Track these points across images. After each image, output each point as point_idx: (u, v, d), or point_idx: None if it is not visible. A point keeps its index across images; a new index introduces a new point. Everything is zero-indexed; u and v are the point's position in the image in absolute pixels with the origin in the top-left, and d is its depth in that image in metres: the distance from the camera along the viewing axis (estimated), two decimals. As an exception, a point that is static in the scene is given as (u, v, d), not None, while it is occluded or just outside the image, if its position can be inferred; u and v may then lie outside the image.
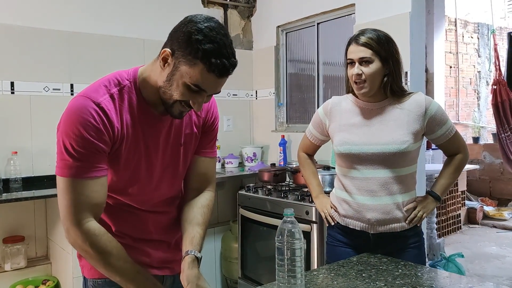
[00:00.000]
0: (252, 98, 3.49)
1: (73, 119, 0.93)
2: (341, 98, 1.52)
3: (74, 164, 0.93)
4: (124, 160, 1.01)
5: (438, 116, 1.42)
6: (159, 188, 1.10)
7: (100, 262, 0.97)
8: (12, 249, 2.33)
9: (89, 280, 1.11)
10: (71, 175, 0.93)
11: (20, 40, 2.48)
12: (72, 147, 0.92)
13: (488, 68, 6.36)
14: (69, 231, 0.97)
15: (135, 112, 1.01)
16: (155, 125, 1.04)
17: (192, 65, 0.90)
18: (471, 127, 6.29)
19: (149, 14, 2.96)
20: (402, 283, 1.11)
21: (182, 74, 0.92)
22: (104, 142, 0.95)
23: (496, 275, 3.42)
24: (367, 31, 1.39)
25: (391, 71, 1.39)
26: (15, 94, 2.47)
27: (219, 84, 0.95)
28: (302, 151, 1.68)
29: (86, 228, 0.95)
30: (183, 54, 0.91)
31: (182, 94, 0.95)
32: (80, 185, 0.94)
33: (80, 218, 0.95)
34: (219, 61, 0.90)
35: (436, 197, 1.48)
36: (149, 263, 1.13)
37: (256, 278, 2.53)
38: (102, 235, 0.97)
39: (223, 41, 0.91)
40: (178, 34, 0.93)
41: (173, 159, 1.10)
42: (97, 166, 0.95)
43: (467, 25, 6.23)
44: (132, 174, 1.04)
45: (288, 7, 3.14)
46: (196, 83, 0.92)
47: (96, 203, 0.97)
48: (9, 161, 2.39)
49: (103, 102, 0.96)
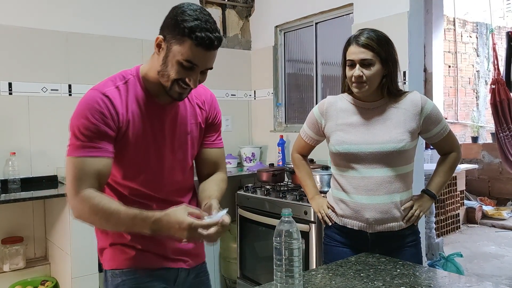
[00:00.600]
0: (251, 98, 3.49)
1: (82, 107, 1.05)
2: (337, 98, 1.52)
3: (80, 144, 1.03)
4: (132, 146, 1.10)
5: (434, 115, 1.43)
6: (171, 174, 1.17)
7: (102, 221, 1.04)
8: (10, 250, 2.33)
9: (108, 272, 1.17)
10: (76, 154, 1.03)
11: (18, 40, 2.48)
12: (79, 130, 1.03)
13: (487, 67, 6.37)
14: (71, 203, 1.05)
15: (140, 102, 1.10)
16: (159, 113, 1.13)
17: (182, 42, 1.00)
18: (470, 127, 6.30)
19: (147, 15, 2.96)
20: (400, 283, 1.11)
21: (174, 54, 1.02)
22: (108, 125, 1.05)
23: (495, 275, 3.42)
24: (367, 31, 1.39)
25: (389, 72, 1.40)
26: (13, 95, 2.47)
27: (209, 57, 1.04)
28: (296, 152, 1.67)
29: (82, 195, 1.02)
30: (172, 35, 1.02)
31: (177, 72, 1.03)
32: (82, 163, 1.03)
33: (78, 190, 1.03)
34: (204, 34, 0.99)
35: (432, 195, 1.49)
36: (164, 254, 1.17)
37: (254, 278, 2.53)
38: (96, 197, 1.02)
39: (206, 18, 1.02)
40: (166, 21, 1.05)
41: (181, 146, 1.18)
42: (100, 147, 1.04)
43: (466, 24, 6.23)
44: (143, 159, 1.12)
45: (286, 7, 3.15)
46: (187, 59, 1.02)
47: (95, 178, 1.04)
48: (8, 161, 2.38)
49: (108, 91, 1.07)
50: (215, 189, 1.20)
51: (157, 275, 1.17)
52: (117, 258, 1.16)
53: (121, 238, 1.15)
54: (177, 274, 1.20)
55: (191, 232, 0.96)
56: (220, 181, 1.26)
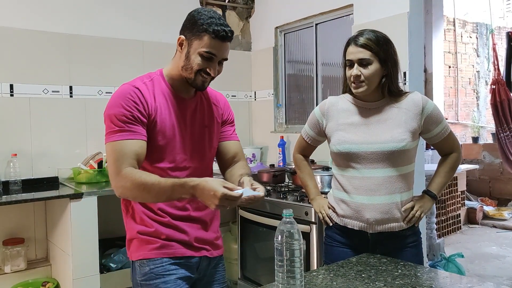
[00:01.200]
0: (251, 99, 3.50)
1: (115, 99, 1.20)
2: (338, 98, 1.53)
3: (117, 130, 1.16)
4: (160, 132, 1.22)
5: (434, 115, 1.43)
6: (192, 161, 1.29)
7: (144, 193, 1.13)
8: (12, 251, 2.33)
9: (136, 262, 1.26)
10: (114, 139, 1.16)
11: (19, 42, 2.49)
12: (116, 117, 1.17)
13: (487, 67, 6.37)
14: (115, 183, 1.16)
15: (165, 95, 1.26)
16: (182, 106, 1.28)
17: (201, 37, 1.18)
18: (471, 127, 6.29)
19: (148, 16, 2.96)
20: (402, 283, 1.11)
21: (195, 48, 1.19)
22: (140, 112, 1.18)
23: (496, 275, 3.42)
24: (366, 32, 1.40)
25: (389, 72, 1.40)
26: (15, 97, 2.48)
27: (225, 48, 1.22)
28: (298, 153, 1.67)
29: (124, 173, 1.14)
30: (192, 33, 1.20)
31: (199, 63, 1.20)
32: (120, 145, 1.15)
33: (120, 169, 1.14)
34: (219, 28, 1.18)
35: (433, 196, 1.49)
36: (188, 242, 1.26)
37: (255, 279, 2.53)
38: (136, 173, 1.14)
39: (218, 16, 1.21)
40: (185, 23, 1.23)
41: (200, 137, 1.32)
42: (135, 131, 1.17)
43: (466, 25, 6.23)
44: (169, 145, 1.24)
45: (286, 8, 3.15)
46: (207, 50, 1.18)
47: (133, 158, 1.16)
48: (9, 163, 2.39)
49: (138, 84, 1.22)
50: (243, 171, 1.33)
51: (182, 264, 1.25)
52: (143, 248, 1.24)
53: (147, 228, 1.24)
54: (200, 263, 1.29)
55: (222, 200, 1.05)
56: (246, 166, 1.39)
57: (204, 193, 1.07)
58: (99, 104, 2.74)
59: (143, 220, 1.24)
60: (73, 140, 2.66)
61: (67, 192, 2.26)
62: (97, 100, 2.74)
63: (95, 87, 2.74)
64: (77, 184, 2.45)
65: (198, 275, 1.29)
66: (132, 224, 1.27)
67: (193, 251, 1.26)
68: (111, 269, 2.42)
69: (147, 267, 1.23)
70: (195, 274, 1.27)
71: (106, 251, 2.52)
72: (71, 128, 2.65)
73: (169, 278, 1.22)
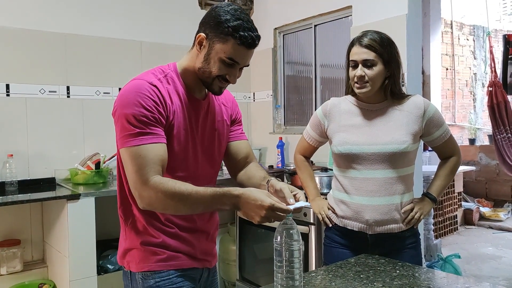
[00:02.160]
0: (250, 100, 3.49)
1: (132, 96, 1.05)
2: (340, 100, 1.53)
3: (137, 132, 1.03)
4: (175, 136, 1.12)
5: (436, 118, 1.44)
6: (203, 166, 1.21)
7: (178, 204, 1.04)
8: (8, 252, 2.31)
9: (138, 274, 1.16)
10: (133, 144, 1.03)
11: (15, 42, 2.47)
12: (134, 118, 1.03)
13: (484, 70, 6.41)
14: (141, 193, 1.04)
15: (180, 95, 1.14)
16: (196, 107, 1.17)
17: (225, 41, 1.06)
18: (467, 129, 6.32)
19: (146, 16, 2.96)
20: (400, 284, 1.11)
21: (217, 51, 1.07)
22: (160, 113, 1.06)
23: (492, 276, 3.43)
24: (370, 32, 1.40)
25: (392, 73, 1.41)
26: (11, 97, 2.46)
27: (249, 55, 1.11)
28: (299, 154, 1.68)
29: (153, 182, 1.03)
30: (215, 34, 1.07)
31: (219, 69, 1.09)
32: (143, 149, 1.03)
33: (147, 177, 1.03)
34: (247, 34, 1.05)
35: (433, 198, 1.50)
36: (193, 254, 1.20)
37: (254, 280, 2.53)
38: (167, 182, 1.03)
39: (247, 18, 1.08)
40: (208, 19, 1.09)
41: (210, 141, 1.23)
42: (156, 133, 1.05)
43: (463, 27, 6.27)
44: (183, 151, 1.14)
45: (285, 9, 3.15)
46: (230, 57, 1.07)
47: (159, 164, 1.05)
48: (5, 164, 2.37)
49: (155, 82, 1.09)
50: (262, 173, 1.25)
51: (187, 276, 1.20)
52: (148, 259, 1.15)
53: (153, 238, 1.15)
54: (201, 274, 1.25)
55: (269, 212, 0.97)
56: (260, 167, 1.32)
57: (249, 203, 0.98)
58: (97, 105, 2.73)
59: (148, 230, 1.15)
60: (70, 141, 2.64)
61: (64, 193, 2.24)
62: (95, 100, 2.73)
63: (93, 87, 2.73)
64: (74, 185, 2.44)
65: (199, 287, 1.25)
66: (132, 233, 1.17)
67: (197, 263, 1.22)
68: (108, 271, 2.41)
69: (152, 279, 1.14)
70: (197, 286, 1.24)
71: (103, 252, 2.51)
72: (68, 128, 2.64)
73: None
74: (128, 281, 1.19)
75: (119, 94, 1.08)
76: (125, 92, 1.07)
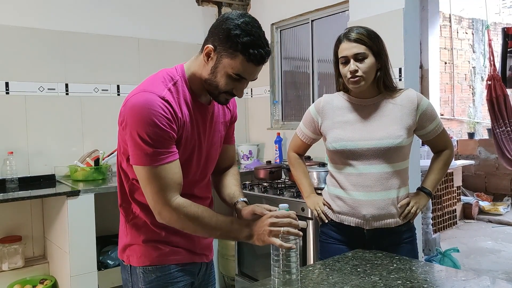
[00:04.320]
0: (247, 96, 3.50)
1: (145, 113, 1.02)
2: (333, 96, 1.53)
3: (153, 152, 1.03)
4: (183, 145, 1.12)
5: (429, 111, 1.44)
6: (206, 170, 1.23)
7: (197, 227, 1.09)
8: (9, 249, 2.33)
9: (138, 268, 1.18)
10: (152, 163, 1.04)
11: (14, 40, 2.47)
12: (149, 137, 1.02)
13: (483, 63, 6.39)
14: (162, 212, 1.07)
15: (189, 103, 1.13)
16: (203, 113, 1.17)
17: (233, 57, 1.03)
18: (466, 123, 6.32)
19: (144, 13, 2.95)
20: (397, 277, 1.12)
21: (224, 66, 1.05)
22: (173, 129, 1.06)
23: (491, 269, 3.45)
24: (355, 28, 1.41)
25: (383, 65, 1.41)
26: (10, 94, 2.47)
27: (257, 71, 1.09)
28: (293, 151, 1.67)
29: (175, 204, 1.06)
30: (224, 48, 1.03)
31: (226, 84, 1.08)
32: (162, 170, 1.04)
33: (169, 198, 1.05)
34: (256, 51, 1.02)
35: (428, 192, 1.50)
36: (193, 249, 1.22)
37: (252, 275, 2.55)
38: (189, 205, 1.07)
39: (258, 33, 1.04)
40: (217, 31, 1.05)
41: (214, 144, 1.24)
42: (171, 151, 1.06)
43: (462, 21, 6.25)
44: (188, 157, 1.15)
45: (282, 4, 3.15)
46: (237, 73, 1.05)
47: (178, 183, 1.08)
48: (5, 161, 2.38)
49: (166, 95, 1.06)
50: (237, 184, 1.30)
51: (187, 270, 1.22)
52: (150, 254, 1.17)
53: (156, 235, 1.17)
54: (200, 268, 1.27)
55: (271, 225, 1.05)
56: (237, 175, 1.35)
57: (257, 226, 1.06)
58: (95, 102, 2.74)
59: (149, 226, 1.16)
60: (69, 138, 2.65)
61: (64, 189, 2.26)
62: (93, 97, 2.74)
63: (91, 85, 2.74)
64: (74, 182, 2.45)
65: (198, 281, 1.27)
66: (134, 230, 1.18)
67: (196, 257, 1.24)
68: (108, 266, 2.43)
69: (153, 274, 1.16)
70: (196, 280, 1.26)
71: (103, 248, 2.53)
72: (67, 125, 2.65)
73: (177, 285, 1.18)
74: (128, 275, 1.20)
75: (129, 106, 1.04)
76: (137, 107, 1.02)
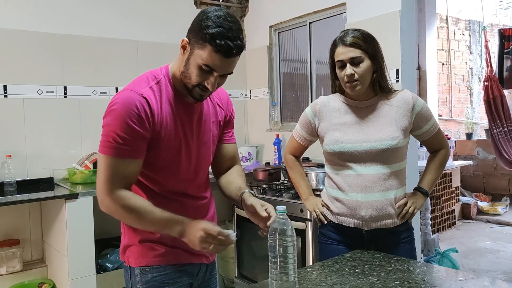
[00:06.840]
0: (246, 98, 3.50)
1: (120, 110, 1.06)
2: (329, 98, 1.53)
3: (116, 146, 1.06)
4: (165, 144, 1.14)
5: (424, 112, 1.45)
6: (197, 170, 1.23)
7: (134, 220, 1.11)
8: (7, 252, 2.32)
9: (136, 268, 1.20)
10: (111, 154, 1.07)
11: (12, 43, 2.48)
12: (116, 132, 1.06)
13: (480, 64, 6.41)
14: (103, 201, 1.10)
15: (171, 102, 1.14)
16: (188, 111, 1.18)
17: (203, 47, 1.05)
18: (464, 124, 6.34)
19: (142, 16, 2.96)
20: (395, 278, 1.13)
21: (195, 57, 1.07)
22: (145, 128, 1.08)
23: (490, 270, 3.45)
24: (350, 31, 1.41)
25: (379, 67, 1.42)
26: (8, 98, 2.47)
27: (227, 64, 1.08)
28: (289, 153, 1.67)
29: (116, 195, 1.08)
30: (196, 39, 1.06)
31: (198, 76, 1.09)
32: (117, 163, 1.07)
33: (113, 189, 1.08)
34: (223, 42, 1.03)
35: (425, 192, 1.51)
36: (191, 250, 1.19)
37: (252, 277, 2.55)
38: (130, 199, 1.09)
39: (229, 26, 1.05)
40: (193, 24, 1.09)
41: (205, 143, 1.24)
42: (135, 150, 1.09)
43: (459, 22, 6.27)
44: (174, 157, 1.16)
45: (280, 7, 3.16)
46: (206, 63, 1.06)
47: (128, 180, 1.10)
48: (3, 164, 2.38)
49: (145, 93, 1.10)
50: (241, 179, 1.30)
51: (184, 271, 1.22)
52: (146, 255, 1.19)
53: (151, 235, 1.18)
54: (199, 269, 1.27)
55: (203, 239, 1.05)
56: (242, 172, 1.35)
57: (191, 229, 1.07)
58: (94, 104, 2.74)
59: None
60: (68, 141, 2.65)
61: (63, 192, 2.25)
62: (92, 100, 2.74)
63: (90, 87, 2.74)
64: (72, 185, 2.45)
65: (197, 282, 1.27)
66: (131, 230, 1.20)
67: (194, 258, 1.23)
68: (107, 269, 2.42)
69: (149, 274, 1.18)
70: (195, 281, 1.26)
71: (102, 251, 2.52)
72: (65, 128, 2.65)
73: (174, 286, 1.19)
74: (128, 276, 1.23)
75: (112, 99, 1.10)
76: (116, 102, 1.08)
